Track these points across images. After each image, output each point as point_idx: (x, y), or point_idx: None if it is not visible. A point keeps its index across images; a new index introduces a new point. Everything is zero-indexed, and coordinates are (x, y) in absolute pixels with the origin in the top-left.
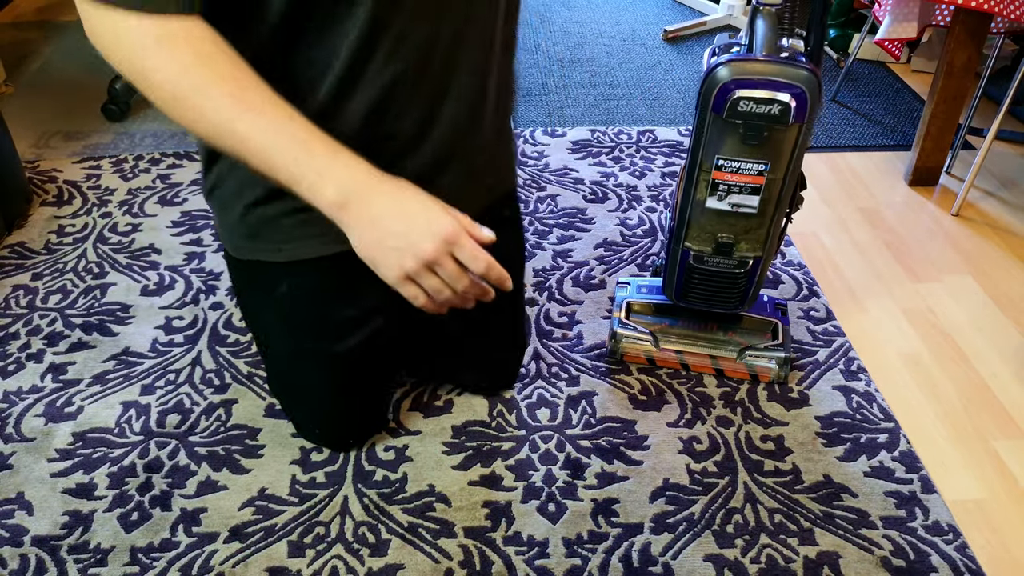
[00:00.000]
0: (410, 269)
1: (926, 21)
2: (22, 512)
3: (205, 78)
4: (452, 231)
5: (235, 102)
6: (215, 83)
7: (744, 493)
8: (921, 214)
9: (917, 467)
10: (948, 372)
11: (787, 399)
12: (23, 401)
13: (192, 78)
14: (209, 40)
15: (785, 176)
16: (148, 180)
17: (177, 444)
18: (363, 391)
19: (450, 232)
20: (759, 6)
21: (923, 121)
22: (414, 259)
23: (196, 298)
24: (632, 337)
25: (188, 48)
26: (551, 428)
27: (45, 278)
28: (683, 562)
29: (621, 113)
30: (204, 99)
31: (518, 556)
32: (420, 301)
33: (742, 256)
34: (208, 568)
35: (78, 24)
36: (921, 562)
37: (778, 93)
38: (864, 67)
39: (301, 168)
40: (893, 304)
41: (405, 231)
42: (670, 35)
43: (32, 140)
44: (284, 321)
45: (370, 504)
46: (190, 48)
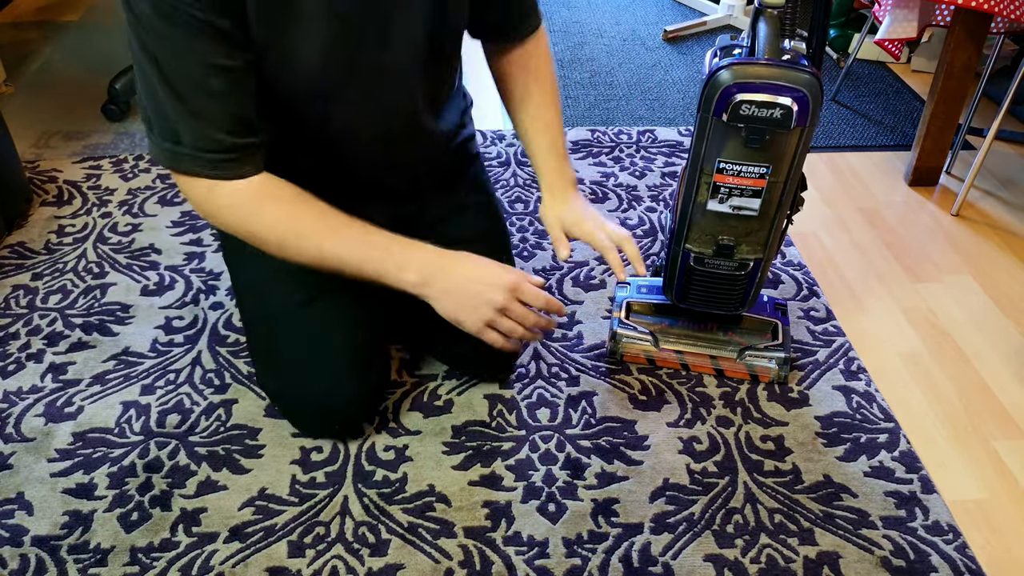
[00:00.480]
0: (488, 318)
1: (926, 21)
2: (22, 512)
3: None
4: (514, 281)
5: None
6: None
7: (744, 493)
8: (921, 214)
9: (917, 467)
10: (948, 372)
11: (787, 399)
12: (23, 401)
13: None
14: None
15: (787, 179)
16: (148, 180)
17: (177, 444)
18: (345, 357)
19: (513, 282)
20: (761, 8)
21: (923, 121)
22: (490, 309)
23: (196, 298)
24: (632, 337)
25: (276, 207)
26: (551, 428)
27: (45, 278)
28: (683, 562)
29: (621, 113)
30: (302, 240)
31: (518, 556)
32: (499, 343)
33: (743, 258)
34: (208, 568)
35: (78, 24)
36: (921, 562)
37: (780, 97)
38: (864, 67)
39: (387, 265)
40: (893, 304)
41: (479, 291)
42: (670, 35)
43: (32, 140)
44: (256, 276)
45: (370, 504)
46: (278, 207)
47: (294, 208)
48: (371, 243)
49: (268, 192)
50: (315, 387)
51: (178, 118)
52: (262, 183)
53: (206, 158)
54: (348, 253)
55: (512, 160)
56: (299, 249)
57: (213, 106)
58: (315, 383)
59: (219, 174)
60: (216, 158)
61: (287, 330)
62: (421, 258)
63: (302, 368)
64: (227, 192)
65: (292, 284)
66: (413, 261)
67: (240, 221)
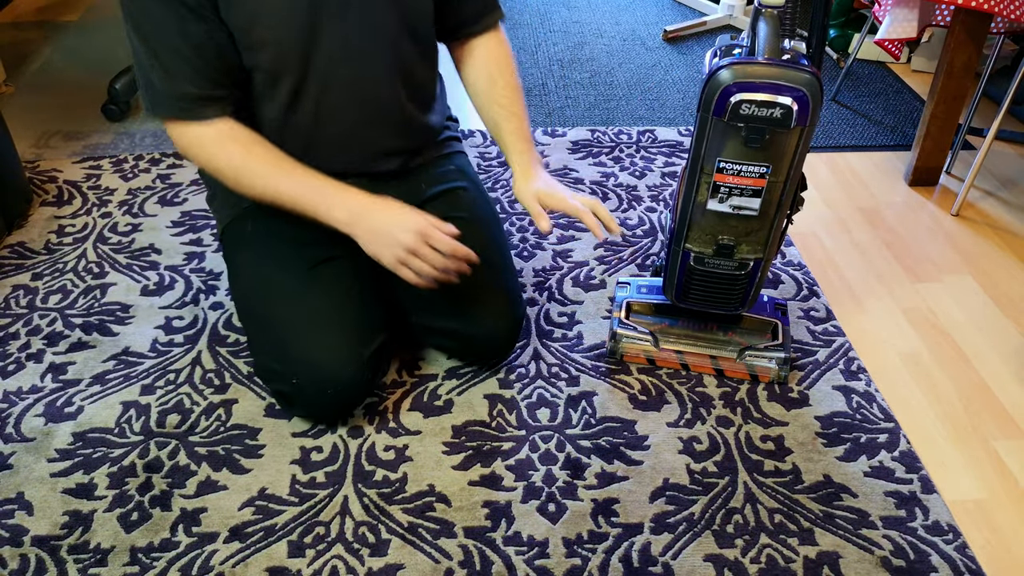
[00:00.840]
0: (401, 257)
1: (926, 21)
2: (22, 512)
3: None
4: (423, 226)
5: (275, 174)
6: (259, 163)
7: (744, 493)
8: (921, 214)
9: (917, 467)
10: (948, 372)
11: (787, 399)
12: (23, 401)
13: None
14: (245, 135)
15: (786, 178)
16: (148, 180)
17: (177, 444)
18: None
19: (421, 226)
20: (761, 8)
21: (923, 121)
22: (401, 249)
23: (196, 298)
24: (632, 337)
25: (235, 144)
26: (551, 428)
27: (45, 278)
28: (683, 562)
29: (621, 113)
30: (254, 176)
31: (518, 556)
32: (413, 279)
33: (743, 258)
34: (208, 568)
35: (78, 24)
36: (921, 562)
37: (780, 96)
38: (864, 67)
39: (321, 204)
40: (893, 304)
41: (392, 231)
42: (670, 35)
43: (32, 140)
44: (254, 255)
45: (370, 504)
46: (236, 144)
47: (250, 149)
48: (311, 184)
49: (229, 134)
50: (312, 360)
51: (155, 72)
52: (225, 126)
53: (175, 104)
54: (290, 190)
55: None
56: (251, 183)
57: (184, 65)
58: (312, 356)
59: (184, 116)
60: (182, 104)
61: (284, 304)
62: (351, 200)
63: (299, 342)
64: (195, 132)
65: (291, 258)
66: (344, 203)
67: (205, 157)
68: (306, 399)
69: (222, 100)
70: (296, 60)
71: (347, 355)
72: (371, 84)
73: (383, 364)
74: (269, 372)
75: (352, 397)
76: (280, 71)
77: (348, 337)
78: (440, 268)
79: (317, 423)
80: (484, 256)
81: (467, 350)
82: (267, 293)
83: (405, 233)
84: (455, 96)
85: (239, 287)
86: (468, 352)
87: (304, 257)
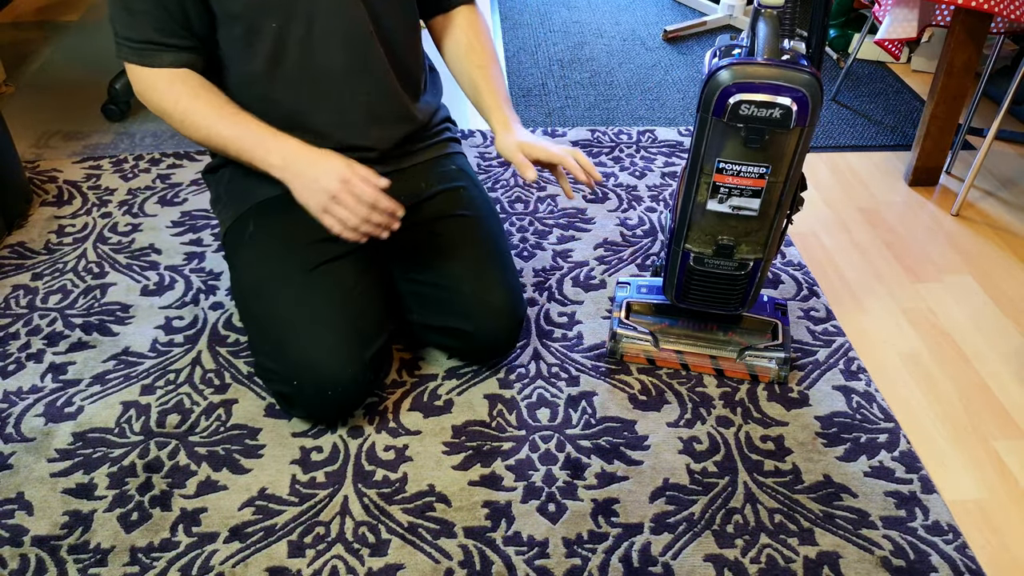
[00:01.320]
0: (324, 203)
1: (926, 21)
2: (22, 512)
3: (197, 105)
4: (346, 174)
5: (218, 118)
6: (204, 107)
7: (744, 493)
8: (921, 214)
9: (917, 467)
10: (948, 372)
11: (787, 399)
12: (23, 401)
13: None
14: (196, 81)
15: (786, 179)
16: (148, 180)
17: (177, 444)
18: (344, 330)
19: (345, 175)
20: (761, 8)
21: (923, 121)
22: (325, 195)
23: (196, 298)
24: (632, 337)
25: (184, 87)
26: (551, 428)
27: (45, 278)
28: (683, 562)
29: (621, 113)
30: (198, 118)
31: (518, 556)
32: (337, 229)
33: (743, 258)
34: (208, 568)
35: (78, 24)
36: (921, 562)
37: (779, 97)
38: (864, 67)
39: (259, 149)
40: (893, 304)
41: (317, 178)
42: (670, 35)
43: (32, 140)
44: (255, 256)
45: (370, 504)
46: (185, 87)
47: (197, 94)
48: (252, 130)
49: (180, 80)
50: (313, 361)
51: (120, 16)
52: (178, 74)
53: (133, 47)
54: (231, 134)
55: None
56: (195, 126)
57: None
58: (313, 357)
59: (140, 60)
60: (139, 47)
61: (285, 305)
62: (287, 147)
63: (300, 343)
64: (150, 76)
65: (292, 259)
66: (280, 149)
67: (156, 99)
68: (306, 400)
69: (180, 49)
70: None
71: (348, 356)
72: (356, 34)
73: (384, 365)
74: (269, 373)
75: (353, 398)
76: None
77: (349, 338)
78: (363, 219)
79: (317, 423)
80: (485, 255)
81: (468, 349)
82: (268, 294)
83: (329, 179)
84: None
85: (240, 288)
86: (469, 351)
87: (306, 258)
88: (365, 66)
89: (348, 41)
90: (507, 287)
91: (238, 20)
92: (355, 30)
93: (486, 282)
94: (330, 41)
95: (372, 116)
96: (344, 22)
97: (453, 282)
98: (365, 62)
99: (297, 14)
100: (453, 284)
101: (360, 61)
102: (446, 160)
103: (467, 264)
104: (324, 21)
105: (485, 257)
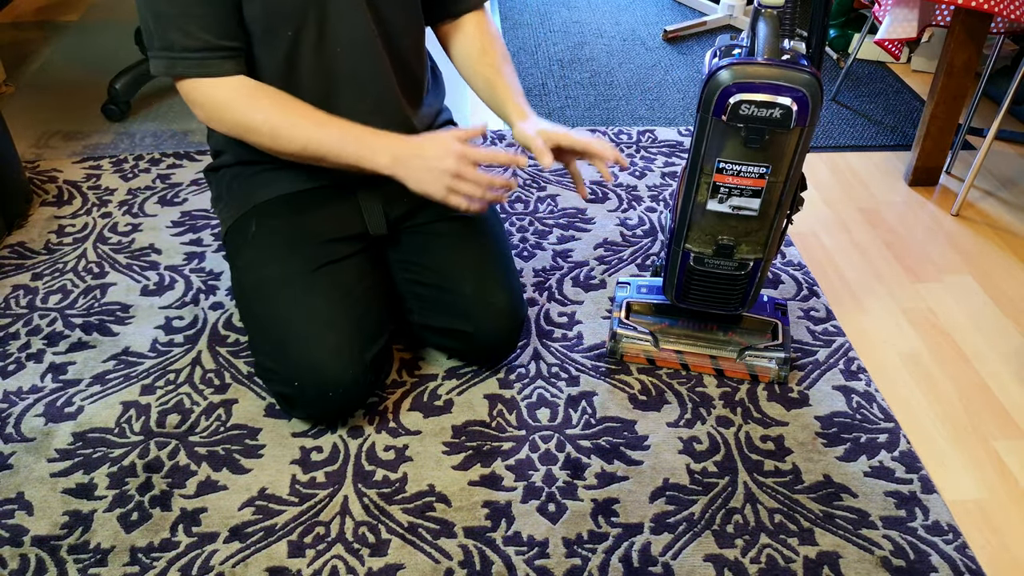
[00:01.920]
0: (448, 184)
1: (926, 21)
2: (22, 512)
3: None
4: (459, 147)
5: (316, 127)
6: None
7: (744, 493)
8: (921, 214)
9: (917, 467)
10: (948, 372)
11: (787, 399)
12: (23, 401)
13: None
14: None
15: (786, 179)
16: (148, 180)
17: (177, 444)
18: (346, 330)
19: (459, 148)
20: (761, 8)
21: (923, 121)
22: (447, 176)
23: (196, 298)
24: (632, 337)
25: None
26: (551, 428)
27: (45, 278)
28: (683, 562)
29: (621, 113)
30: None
31: (518, 556)
32: (464, 206)
33: (743, 258)
34: (208, 568)
35: (78, 24)
36: (921, 562)
37: (779, 97)
38: (864, 67)
39: (363, 151)
40: (893, 304)
41: (434, 163)
42: (670, 35)
43: (32, 140)
44: (257, 256)
45: (370, 504)
46: (269, 100)
47: (283, 101)
48: (351, 133)
49: (258, 87)
50: (314, 362)
51: (169, 26)
52: (249, 81)
53: (194, 58)
54: (332, 140)
55: None
56: (291, 137)
57: (198, 13)
58: (314, 358)
59: (206, 71)
60: (202, 56)
61: (287, 305)
62: (390, 143)
63: (301, 344)
64: (218, 92)
65: (294, 259)
66: (387, 148)
67: (237, 118)
68: (307, 401)
69: (238, 53)
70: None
71: (350, 357)
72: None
73: (385, 366)
74: (270, 373)
75: (353, 400)
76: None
77: (351, 339)
78: (487, 187)
79: (317, 424)
80: (487, 256)
81: (468, 350)
82: (270, 294)
83: (445, 160)
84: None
85: (242, 287)
86: (469, 352)
87: (308, 259)
88: (369, 71)
89: (352, 46)
90: (508, 288)
91: (256, 24)
92: (359, 36)
93: (487, 283)
94: (336, 47)
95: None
96: (348, 27)
97: (454, 283)
98: (368, 67)
99: (309, 21)
100: (454, 285)
101: (364, 66)
102: None
103: (469, 265)
104: (332, 27)
105: (487, 258)
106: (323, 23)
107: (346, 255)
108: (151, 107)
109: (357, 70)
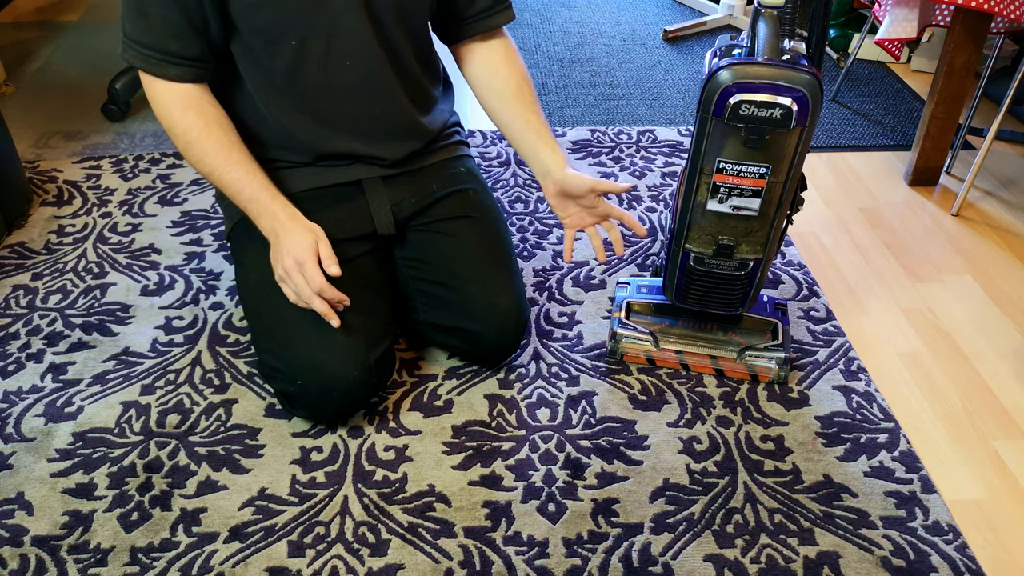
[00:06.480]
0: (280, 274)
1: (926, 21)
2: (22, 512)
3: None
4: (303, 257)
5: (224, 161)
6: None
7: (744, 493)
8: (921, 214)
9: (917, 467)
10: (948, 372)
11: (787, 399)
12: (23, 401)
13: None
14: (212, 114)
15: (786, 179)
16: (148, 180)
17: (177, 444)
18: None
19: (302, 257)
20: (761, 8)
21: (923, 121)
22: (281, 268)
23: (196, 298)
24: (632, 337)
25: (198, 119)
26: (551, 428)
27: (45, 278)
28: (683, 562)
29: (621, 113)
30: (204, 155)
31: (518, 556)
32: (292, 298)
33: (743, 258)
34: (208, 568)
35: (78, 24)
36: (921, 562)
37: (779, 97)
38: (864, 67)
39: (252, 206)
40: (893, 304)
41: (281, 251)
42: (670, 35)
43: (32, 140)
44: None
45: (370, 504)
46: (199, 120)
47: (209, 129)
48: (251, 184)
49: (195, 108)
50: (317, 362)
51: (133, 18)
52: (194, 94)
53: (140, 52)
54: (231, 183)
55: (512, 160)
56: (198, 161)
57: (165, 17)
58: (318, 358)
59: (147, 68)
60: (147, 54)
61: (291, 305)
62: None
63: (305, 343)
64: (163, 94)
65: None
66: (273, 214)
67: (164, 117)
68: (310, 400)
69: (189, 63)
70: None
71: (353, 358)
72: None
73: (388, 367)
74: (273, 371)
75: (356, 400)
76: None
77: (355, 340)
78: (307, 299)
79: (318, 424)
80: (493, 257)
81: (472, 349)
82: (276, 292)
83: (287, 257)
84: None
85: (246, 286)
86: (473, 351)
87: None
88: (376, 84)
89: (360, 60)
90: (513, 289)
91: (259, 35)
92: (366, 50)
93: (493, 284)
94: (343, 59)
95: (382, 131)
96: (355, 41)
97: (460, 283)
98: (376, 80)
99: (316, 33)
100: (460, 284)
101: (371, 79)
102: (455, 163)
103: (475, 265)
104: (339, 40)
105: (492, 259)
106: (330, 37)
107: (354, 256)
108: (151, 107)
109: (363, 83)
